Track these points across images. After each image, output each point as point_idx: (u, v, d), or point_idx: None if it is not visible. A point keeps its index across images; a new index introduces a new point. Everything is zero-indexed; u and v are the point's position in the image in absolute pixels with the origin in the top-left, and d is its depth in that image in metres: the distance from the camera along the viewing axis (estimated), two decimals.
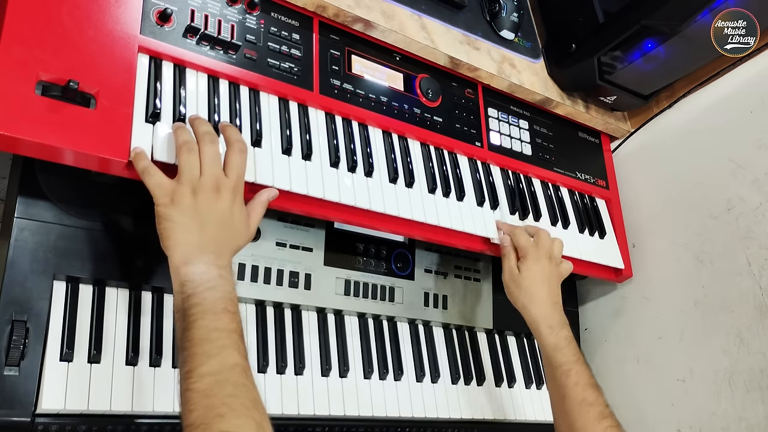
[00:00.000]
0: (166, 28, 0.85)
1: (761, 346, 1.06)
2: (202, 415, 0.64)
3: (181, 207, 0.75)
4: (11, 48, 0.72)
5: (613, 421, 0.91)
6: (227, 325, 0.70)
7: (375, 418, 1.01)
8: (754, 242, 1.08)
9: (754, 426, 1.04)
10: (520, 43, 1.20)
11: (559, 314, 1.01)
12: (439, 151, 1.08)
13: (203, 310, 0.70)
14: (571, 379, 0.94)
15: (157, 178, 0.76)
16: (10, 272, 0.80)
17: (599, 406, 0.92)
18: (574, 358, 0.96)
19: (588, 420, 0.90)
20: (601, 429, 0.89)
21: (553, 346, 0.97)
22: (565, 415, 0.93)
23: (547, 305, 1.01)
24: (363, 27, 1.02)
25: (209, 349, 0.68)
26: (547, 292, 1.02)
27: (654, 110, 1.28)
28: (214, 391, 0.65)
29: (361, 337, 1.06)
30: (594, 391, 0.93)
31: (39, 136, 0.70)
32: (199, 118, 0.83)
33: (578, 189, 1.27)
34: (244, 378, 0.68)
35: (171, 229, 0.74)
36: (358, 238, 1.10)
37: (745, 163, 1.11)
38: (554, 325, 0.99)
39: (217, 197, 0.76)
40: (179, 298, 0.72)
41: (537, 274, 1.02)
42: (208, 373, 0.66)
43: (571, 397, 0.93)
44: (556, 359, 0.96)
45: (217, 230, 0.76)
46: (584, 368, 0.96)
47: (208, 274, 0.73)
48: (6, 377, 0.76)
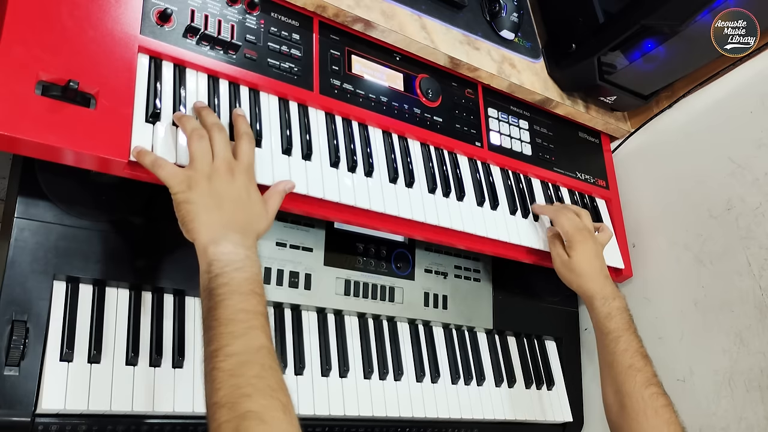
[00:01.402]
0: (166, 28, 0.85)
1: (761, 346, 1.06)
2: (228, 394, 0.64)
3: (198, 190, 0.75)
4: (11, 48, 0.72)
5: (660, 389, 0.92)
6: (254, 307, 0.71)
7: (375, 418, 1.01)
8: (754, 242, 1.08)
9: (754, 426, 1.04)
10: (520, 43, 1.20)
11: (611, 286, 1.04)
12: (439, 151, 1.08)
13: (230, 290, 0.70)
14: (620, 345, 0.96)
15: (169, 168, 0.76)
16: (10, 272, 0.80)
17: (647, 372, 0.93)
18: (625, 326, 0.98)
19: (635, 384, 0.92)
20: (648, 394, 0.90)
21: (605, 315, 1.00)
22: (613, 380, 0.95)
23: (600, 280, 1.04)
24: (363, 27, 1.02)
25: (235, 329, 0.68)
26: (598, 268, 1.05)
27: (654, 110, 1.28)
28: (241, 371, 0.66)
29: (361, 337, 1.06)
30: (642, 359, 0.95)
31: (39, 136, 0.70)
32: (206, 107, 0.84)
33: (578, 189, 1.27)
34: (271, 360, 0.68)
35: (193, 211, 0.75)
36: (358, 238, 1.10)
37: (745, 163, 1.11)
38: (607, 297, 1.02)
39: (231, 179, 0.77)
40: (206, 278, 0.72)
41: (586, 255, 1.05)
42: (234, 353, 0.67)
43: (619, 362, 0.95)
44: (606, 327, 0.99)
45: (237, 210, 0.76)
46: (634, 337, 0.98)
47: (235, 255, 0.73)
48: (6, 377, 0.76)
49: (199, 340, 0.90)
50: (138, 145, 0.78)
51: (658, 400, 0.90)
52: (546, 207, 1.14)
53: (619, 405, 0.93)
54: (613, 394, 0.95)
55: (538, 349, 1.27)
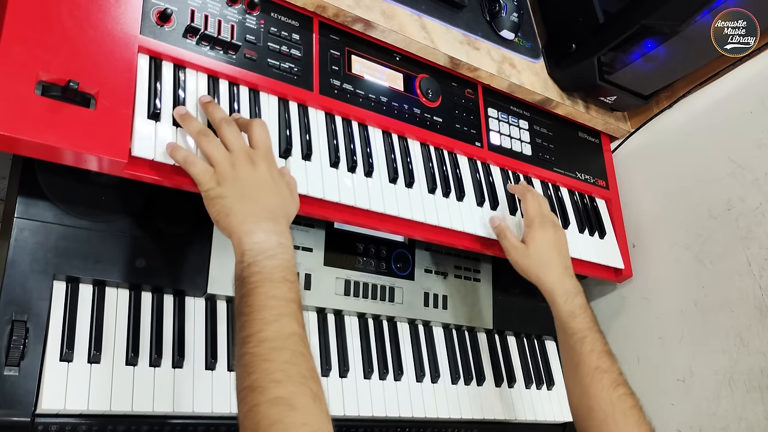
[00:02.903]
0: (166, 28, 0.85)
1: (761, 346, 1.06)
2: (259, 378, 0.64)
3: (227, 183, 0.76)
4: (11, 48, 0.72)
5: (627, 389, 0.90)
6: (285, 294, 0.71)
7: (375, 418, 1.01)
8: (754, 242, 1.08)
9: (754, 426, 1.04)
10: (520, 43, 1.20)
11: (572, 280, 0.99)
12: (439, 151, 1.08)
13: (262, 278, 0.71)
14: (585, 346, 0.93)
15: (200, 165, 0.77)
16: (10, 272, 0.80)
17: (613, 373, 0.91)
18: (589, 326, 0.95)
19: (602, 387, 0.89)
20: (616, 396, 0.88)
21: (568, 314, 0.96)
22: (579, 383, 0.92)
23: (560, 272, 0.99)
24: (363, 27, 1.02)
25: (267, 315, 0.69)
26: (558, 259, 1.00)
27: (654, 110, 1.28)
28: (273, 356, 0.66)
29: (361, 337, 1.06)
30: (608, 358, 0.92)
31: (39, 136, 0.70)
32: (211, 101, 0.85)
33: (578, 189, 1.27)
34: (302, 347, 0.69)
35: (227, 205, 0.76)
36: (358, 238, 1.10)
37: (745, 163, 1.11)
38: (569, 292, 0.97)
39: (253, 166, 0.78)
40: (239, 267, 0.74)
41: (545, 241, 1.00)
42: (266, 339, 0.67)
43: (585, 364, 0.92)
44: (570, 327, 0.95)
45: (266, 196, 0.78)
46: (599, 336, 0.94)
47: (268, 243, 0.74)
48: (6, 377, 0.76)
49: (199, 341, 0.91)
50: (171, 141, 0.79)
51: (627, 401, 0.89)
52: (516, 186, 1.11)
53: (586, 409, 0.91)
54: (579, 397, 0.92)
55: (538, 349, 1.27)
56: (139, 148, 0.78)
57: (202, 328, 0.92)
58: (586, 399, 0.90)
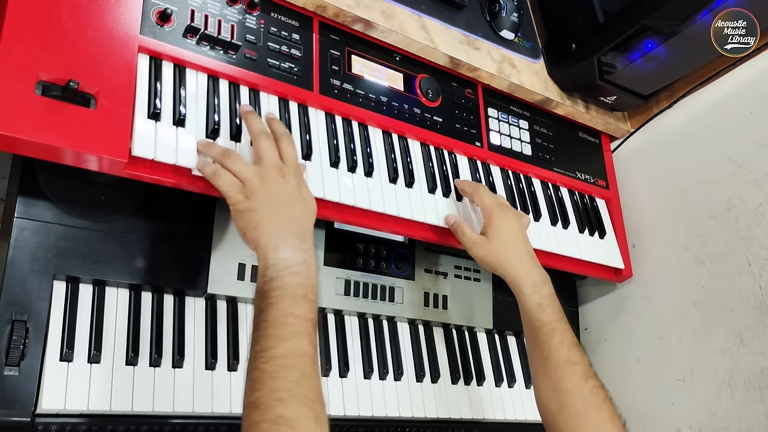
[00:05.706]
0: (166, 28, 0.85)
1: (761, 346, 1.06)
2: (264, 396, 0.64)
3: (256, 197, 0.77)
4: (11, 48, 0.72)
5: (598, 381, 0.88)
6: (304, 313, 0.71)
7: (375, 418, 1.01)
8: (754, 242, 1.08)
9: (754, 426, 1.04)
10: (520, 43, 1.20)
11: (539, 270, 0.95)
12: (439, 151, 1.08)
13: (283, 294, 0.71)
14: (555, 339, 0.89)
15: (227, 178, 0.78)
16: (10, 272, 0.80)
17: (584, 365, 0.88)
18: (558, 317, 0.92)
19: (574, 380, 0.87)
20: (588, 388, 0.86)
21: (537, 306, 0.92)
22: (548, 377, 0.89)
23: (526, 262, 0.95)
24: (363, 27, 1.02)
25: (282, 332, 0.69)
26: (524, 248, 0.97)
27: (654, 110, 1.28)
28: (281, 374, 0.66)
29: (361, 337, 1.06)
30: (578, 350, 0.90)
31: (39, 136, 0.70)
32: (252, 112, 0.86)
33: (578, 189, 1.27)
34: (312, 368, 0.69)
35: (255, 219, 0.76)
36: (358, 238, 1.10)
37: (745, 163, 1.11)
38: (537, 282, 0.94)
39: (283, 180, 0.79)
40: (261, 281, 0.74)
41: (510, 230, 0.97)
42: (278, 356, 0.67)
43: (555, 357, 0.88)
44: (539, 318, 0.91)
45: (294, 211, 0.78)
46: (567, 327, 0.92)
47: (293, 259, 0.74)
48: (6, 377, 0.76)
49: (199, 341, 0.91)
50: (201, 159, 0.80)
51: (599, 394, 0.86)
52: (465, 182, 1.06)
53: (557, 403, 0.87)
54: (549, 391, 0.89)
55: None
56: (139, 147, 0.78)
57: (202, 328, 0.92)
58: (556, 393, 0.88)
